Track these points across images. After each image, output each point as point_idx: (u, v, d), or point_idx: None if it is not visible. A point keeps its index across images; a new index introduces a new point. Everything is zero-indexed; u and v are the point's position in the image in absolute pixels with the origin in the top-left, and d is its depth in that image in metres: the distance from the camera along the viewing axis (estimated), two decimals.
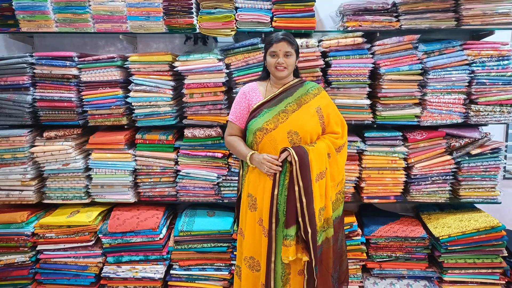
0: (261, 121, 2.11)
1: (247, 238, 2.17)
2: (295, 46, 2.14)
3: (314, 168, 2.07)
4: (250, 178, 2.17)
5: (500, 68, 2.57)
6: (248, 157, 2.11)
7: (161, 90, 2.62)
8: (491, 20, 2.52)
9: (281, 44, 2.10)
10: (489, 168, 2.66)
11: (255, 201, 2.13)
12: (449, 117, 2.62)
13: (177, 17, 2.54)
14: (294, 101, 2.15)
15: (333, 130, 2.22)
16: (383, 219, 2.81)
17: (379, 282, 2.70)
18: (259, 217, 2.12)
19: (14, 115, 2.69)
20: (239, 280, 2.29)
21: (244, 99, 2.22)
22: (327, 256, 2.18)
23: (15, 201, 2.73)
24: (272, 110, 2.13)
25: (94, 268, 2.70)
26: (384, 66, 2.54)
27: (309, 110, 2.15)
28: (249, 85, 2.27)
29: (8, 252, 2.69)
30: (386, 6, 2.52)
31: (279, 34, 2.13)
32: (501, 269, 2.62)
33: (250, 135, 2.15)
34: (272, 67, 2.13)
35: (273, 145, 2.09)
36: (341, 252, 2.34)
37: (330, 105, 2.25)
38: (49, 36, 2.97)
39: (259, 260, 2.14)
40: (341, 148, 2.23)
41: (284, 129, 2.09)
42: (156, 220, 2.66)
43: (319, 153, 2.10)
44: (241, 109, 2.22)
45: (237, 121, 2.22)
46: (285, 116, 2.11)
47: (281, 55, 2.11)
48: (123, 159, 2.68)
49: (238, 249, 2.28)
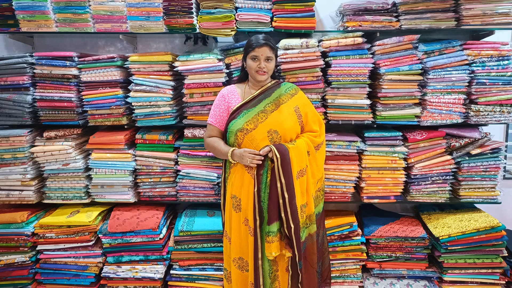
0: (241, 121, 2.15)
1: (234, 239, 2.20)
2: (275, 51, 2.22)
3: (295, 165, 2.12)
4: (233, 179, 2.21)
5: (500, 68, 2.57)
6: (230, 153, 2.15)
7: (161, 90, 2.62)
8: (491, 20, 2.52)
9: (263, 49, 2.15)
10: (489, 168, 2.66)
11: (240, 201, 2.16)
12: (449, 117, 2.62)
13: (177, 17, 2.54)
14: (272, 101, 2.21)
15: (311, 128, 2.29)
16: (383, 219, 2.81)
17: (379, 282, 2.70)
18: (244, 217, 2.15)
19: (14, 115, 2.69)
20: (227, 283, 2.32)
21: (223, 102, 2.26)
22: (311, 251, 2.23)
23: (15, 201, 2.73)
24: (252, 111, 2.18)
25: (94, 268, 2.70)
26: (384, 66, 2.54)
27: (288, 109, 2.21)
28: (227, 88, 2.32)
29: (8, 252, 2.69)
30: (386, 6, 2.52)
31: (260, 38, 2.17)
32: (501, 269, 2.62)
33: (231, 136, 2.19)
34: (253, 71, 2.19)
35: (253, 144, 2.13)
36: (322, 249, 2.40)
37: (308, 105, 2.32)
38: (49, 36, 2.97)
39: (247, 260, 2.17)
40: (320, 146, 2.31)
41: (264, 128, 2.14)
42: (156, 220, 2.66)
43: (299, 150, 2.16)
44: (220, 111, 2.26)
45: (217, 124, 2.27)
46: (265, 116, 2.16)
47: (262, 59, 2.16)
48: (123, 159, 2.68)
49: (225, 252, 2.32)
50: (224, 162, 2.31)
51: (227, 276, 2.32)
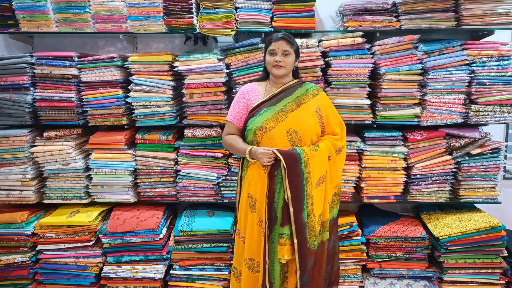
0: (260, 119, 2.12)
1: (247, 239, 2.16)
2: (294, 46, 2.16)
3: (316, 173, 2.07)
4: (249, 178, 2.17)
5: (500, 68, 2.57)
6: (247, 152, 2.10)
7: (161, 90, 2.62)
8: (491, 20, 2.52)
9: (280, 43, 2.12)
10: (489, 168, 2.66)
11: (255, 201, 2.13)
12: (449, 117, 2.62)
13: (177, 17, 2.54)
14: (293, 100, 2.16)
15: (333, 131, 2.23)
16: (383, 219, 2.81)
17: (379, 282, 2.70)
18: (258, 218, 2.12)
19: (14, 115, 2.69)
20: (236, 282, 2.29)
21: (243, 99, 2.23)
22: (320, 259, 2.19)
23: (15, 201, 2.73)
24: (271, 109, 2.13)
25: (94, 268, 2.70)
26: (384, 66, 2.55)
27: (308, 109, 2.16)
28: (248, 85, 2.29)
29: (8, 252, 2.69)
30: (386, 6, 2.52)
31: (279, 33, 2.16)
32: (501, 269, 2.62)
33: (249, 134, 2.16)
34: (270, 65, 2.16)
35: (272, 143, 2.10)
36: (333, 253, 2.33)
37: (329, 106, 2.26)
38: (49, 36, 2.97)
39: (259, 261, 2.14)
40: (341, 150, 2.25)
41: (283, 128, 2.10)
42: (156, 220, 2.66)
43: (321, 157, 2.11)
44: (239, 108, 2.23)
45: (236, 121, 2.23)
46: (284, 115, 2.12)
47: (279, 53, 2.13)
48: (123, 159, 2.68)
49: (236, 251, 2.29)
50: (242, 161, 2.28)
51: (236, 275, 2.29)
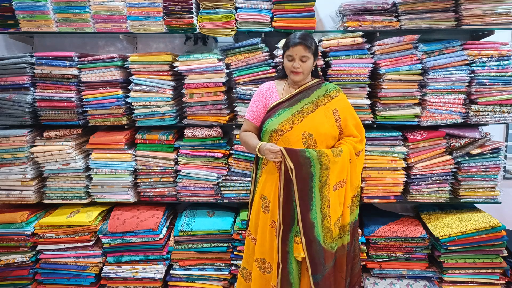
0: (276, 121, 2.09)
1: (259, 240, 2.15)
2: (312, 50, 2.10)
3: (333, 177, 2.06)
4: (263, 180, 2.16)
5: (500, 68, 2.56)
6: (257, 148, 2.07)
7: (161, 90, 2.62)
8: (491, 20, 2.52)
9: (298, 49, 2.07)
10: (489, 168, 2.66)
11: (269, 203, 2.12)
12: (449, 117, 2.62)
13: (177, 17, 2.54)
14: (310, 102, 2.13)
15: (351, 133, 2.20)
16: (383, 219, 2.81)
17: (379, 282, 2.70)
18: (271, 219, 2.11)
19: (14, 115, 2.69)
20: (244, 282, 2.28)
21: (261, 98, 2.21)
22: (341, 263, 2.17)
23: (15, 201, 2.73)
24: (288, 111, 2.11)
25: (94, 268, 2.70)
26: (384, 66, 2.54)
27: (325, 112, 2.13)
28: (267, 84, 2.26)
29: (8, 252, 2.69)
30: (386, 6, 2.52)
31: (296, 37, 2.09)
32: (501, 269, 2.62)
33: (265, 135, 2.14)
34: (289, 71, 2.13)
35: (287, 146, 2.06)
36: (353, 255, 2.30)
37: (348, 108, 2.22)
38: (49, 36, 2.97)
39: (270, 262, 2.13)
40: (360, 153, 2.23)
41: (298, 131, 2.08)
42: (156, 220, 2.66)
43: (344, 161, 2.08)
44: (258, 107, 2.21)
45: (254, 119, 2.21)
46: (301, 117, 2.09)
47: (297, 59, 2.09)
48: (123, 159, 2.68)
49: (246, 251, 2.27)
50: (256, 161, 2.26)
51: (245, 275, 2.28)
